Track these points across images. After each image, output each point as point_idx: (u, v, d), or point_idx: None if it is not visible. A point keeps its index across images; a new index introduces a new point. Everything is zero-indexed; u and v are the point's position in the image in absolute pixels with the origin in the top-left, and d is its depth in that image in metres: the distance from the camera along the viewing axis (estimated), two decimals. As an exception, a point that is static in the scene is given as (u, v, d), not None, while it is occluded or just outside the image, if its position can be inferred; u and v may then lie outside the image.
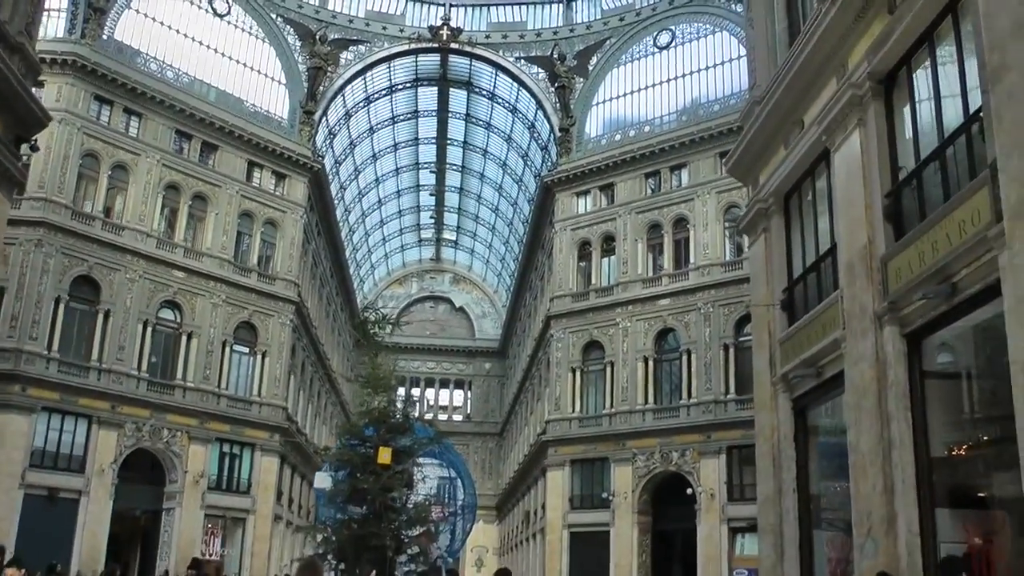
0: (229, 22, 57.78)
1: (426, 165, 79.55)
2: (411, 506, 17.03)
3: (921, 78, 14.74)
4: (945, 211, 12.81)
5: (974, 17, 12.55)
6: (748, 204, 20.99)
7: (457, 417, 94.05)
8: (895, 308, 13.95)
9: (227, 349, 53.65)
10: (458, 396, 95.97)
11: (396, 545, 16.11)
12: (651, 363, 53.32)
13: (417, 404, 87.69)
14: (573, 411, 56.05)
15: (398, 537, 16.33)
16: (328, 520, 17.15)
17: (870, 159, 15.12)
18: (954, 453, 14.03)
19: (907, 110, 15.02)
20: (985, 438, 13.46)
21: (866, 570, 13.98)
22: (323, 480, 17.05)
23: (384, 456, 15.81)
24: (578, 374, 56.40)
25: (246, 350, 55.18)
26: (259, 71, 58.81)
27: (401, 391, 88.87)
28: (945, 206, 12.93)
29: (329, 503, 17.38)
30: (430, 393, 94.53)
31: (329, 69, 60.97)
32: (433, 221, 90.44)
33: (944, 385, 14.66)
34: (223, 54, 57.15)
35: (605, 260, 57.83)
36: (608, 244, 57.41)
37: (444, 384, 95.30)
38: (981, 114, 12.34)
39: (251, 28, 58.91)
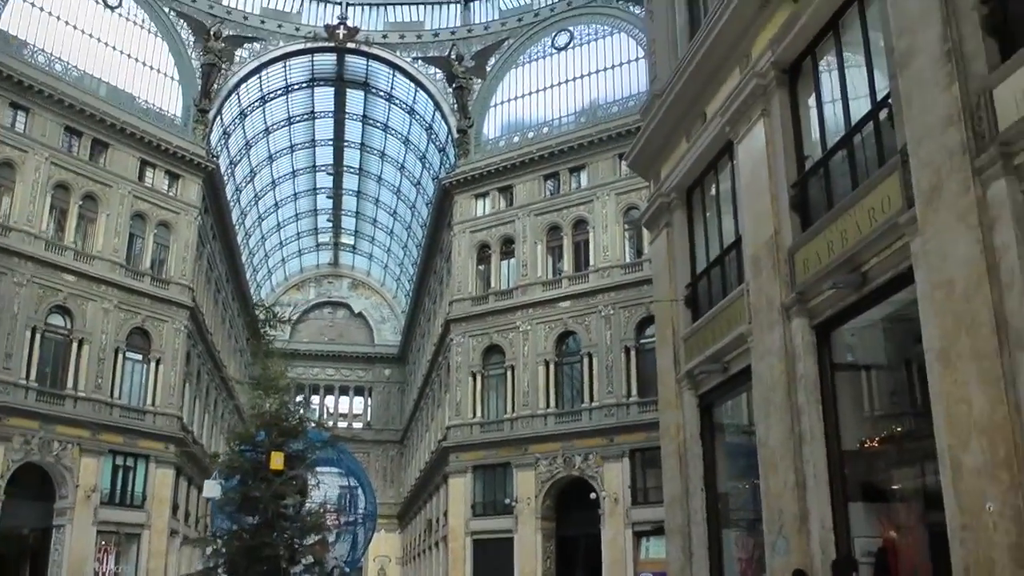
0: (121, 15, 55.85)
1: (323, 167, 78.26)
2: (305, 514, 16.14)
3: (826, 67, 14.49)
4: (854, 199, 12.54)
5: (880, 3, 12.31)
6: (650, 199, 20.68)
7: (357, 425, 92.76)
8: (803, 300, 13.66)
9: (120, 356, 51.74)
10: (358, 403, 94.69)
11: (290, 555, 15.27)
12: (552, 367, 52.90)
13: (316, 411, 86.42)
14: (474, 416, 55.40)
15: (292, 547, 15.52)
16: (220, 531, 16.25)
17: (775, 149, 14.84)
18: (866, 446, 13.75)
19: (812, 100, 14.78)
20: (898, 430, 13.20)
21: (778, 568, 13.66)
22: (212, 489, 16.13)
23: (276, 461, 15.02)
24: (479, 379, 55.79)
25: (139, 357, 53.45)
26: (151, 66, 56.91)
27: (300, 398, 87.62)
28: (854, 194, 12.66)
29: (219, 513, 16.54)
30: (329, 401, 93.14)
31: (224, 66, 59.47)
32: (331, 225, 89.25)
33: (854, 377, 14.42)
34: (114, 48, 55.08)
35: (504, 263, 57.33)
36: (507, 246, 56.93)
37: (344, 391, 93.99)
38: (889, 100, 12.09)
39: (143, 22, 57.06)
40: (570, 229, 54.17)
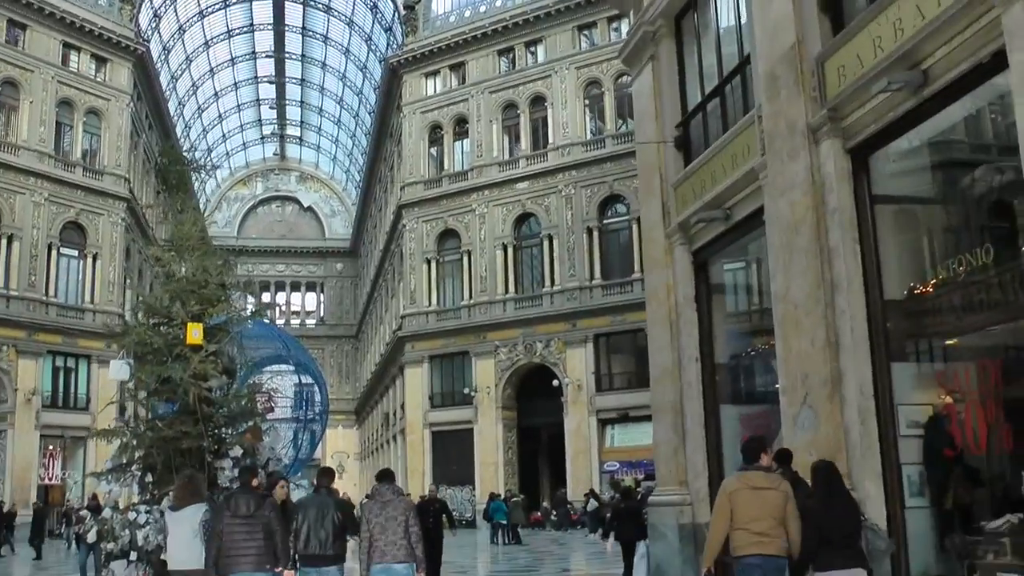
0: None
1: (264, 54, 74.59)
2: (232, 397, 13.58)
3: None
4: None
5: None
6: (631, 30, 17.91)
7: (311, 321, 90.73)
8: (836, 117, 11.15)
9: (54, 252, 49.14)
10: (310, 299, 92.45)
11: (216, 446, 12.72)
12: (511, 250, 50.87)
13: (268, 311, 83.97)
14: (429, 304, 53.29)
15: (218, 437, 12.95)
16: (130, 421, 13.78)
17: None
18: (916, 293, 11.40)
19: None
20: (957, 269, 10.80)
21: (801, 446, 11.37)
22: (119, 370, 13.54)
23: (193, 334, 12.47)
24: (433, 265, 53.57)
25: (75, 253, 50.68)
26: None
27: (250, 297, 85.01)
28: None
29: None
30: (281, 297, 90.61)
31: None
32: (275, 114, 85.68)
33: (900, 213, 12.01)
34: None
35: (458, 144, 55.01)
36: (461, 127, 54.48)
37: (295, 287, 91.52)
38: None
39: None
40: (527, 107, 51.78)
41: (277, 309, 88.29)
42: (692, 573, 14.77)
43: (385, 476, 10.98)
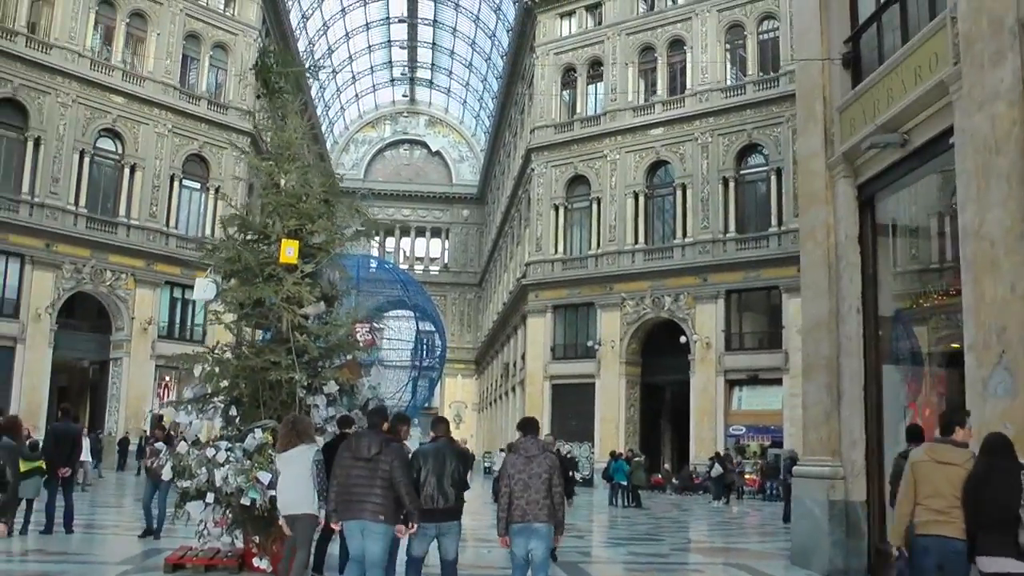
0: None
1: (398, -6, 73.23)
2: (331, 326, 11.98)
3: None
4: None
5: None
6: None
7: (434, 268, 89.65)
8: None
9: (175, 184, 48.91)
10: (435, 246, 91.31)
11: (309, 380, 11.15)
12: (642, 199, 48.90)
13: (391, 254, 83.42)
14: (556, 252, 51.68)
15: (313, 369, 11.39)
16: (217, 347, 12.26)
17: None
18: None
19: None
20: None
21: (994, 416, 9.41)
22: (205, 288, 12.04)
23: (287, 252, 10.90)
24: (561, 212, 51.88)
25: (197, 186, 50.30)
26: None
27: (376, 241, 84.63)
28: None
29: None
30: (406, 243, 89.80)
31: None
32: (406, 56, 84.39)
33: None
34: None
35: (591, 87, 53.06)
36: (595, 70, 52.56)
37: (420, 233, 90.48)
38: None
39: None
40: (665, 50, 49.61)
41: (402, 253, 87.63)
42: (842, 559, 12.88)
43: (530, 426, 9.78)
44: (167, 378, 47.64)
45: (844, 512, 13.03)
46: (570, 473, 19.16)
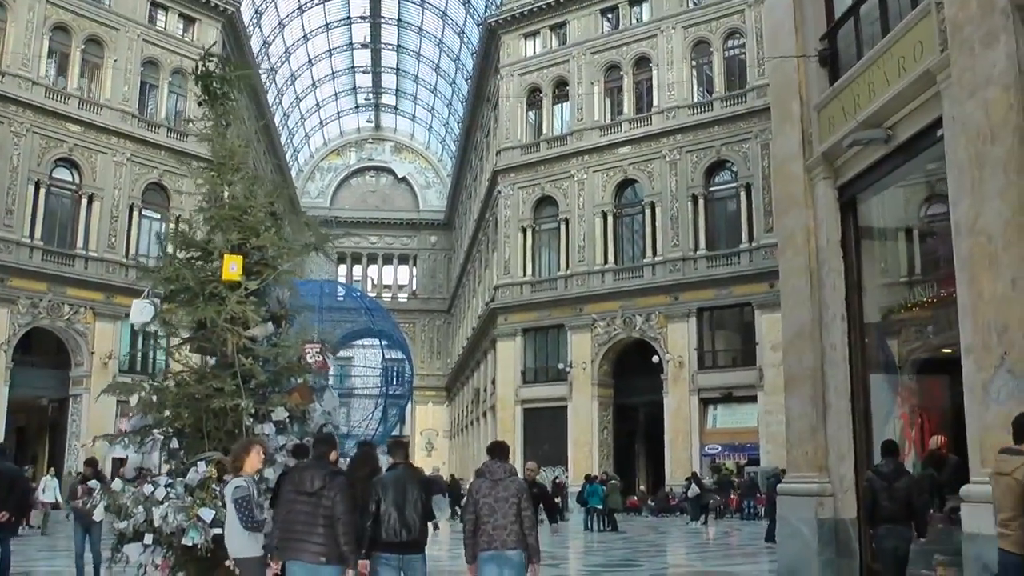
0: None
1: (360, 19, 72.47)
2: (278, 348, 11.05)
3: None
4: None
5: None
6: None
7: (402, 296, 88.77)
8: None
9: (135, 214, 47.76)
10: (403, 273, 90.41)
11: (257, 407, 10.23)
12: (610, 218, 48.48)
13: (359, 282, 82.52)
14: (524, 275, 51.06)
15: (260, 394, 10.48)
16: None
17: None
18: None
19: None
20: None
21: (996, 423, 8.70)
22: (141, 311, 11.11)
23: (230, 268, 10.02)
24: (529, 233, 51.32)
25: (157, 216, 49.12)
26: None
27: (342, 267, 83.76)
28: None
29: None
30: (373, 271, 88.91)
31: None
32: (370, 82, 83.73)
33: None
34: None
35: (557, 107, 52.72)
36: (561, 89, 52.17)
37: (388, 260, 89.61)
38: None
39: None
40: (631, 68, 49.34)
41: (369, 281, 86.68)
42: (832, 580, 12.08)
43: (498, 450, 9.21)
44: (128, 412, 46.47)
45: (834, 530, 12.28)
46: (556, 499, 17.93)
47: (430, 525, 9.27)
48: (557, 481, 40.12)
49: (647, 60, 48.41)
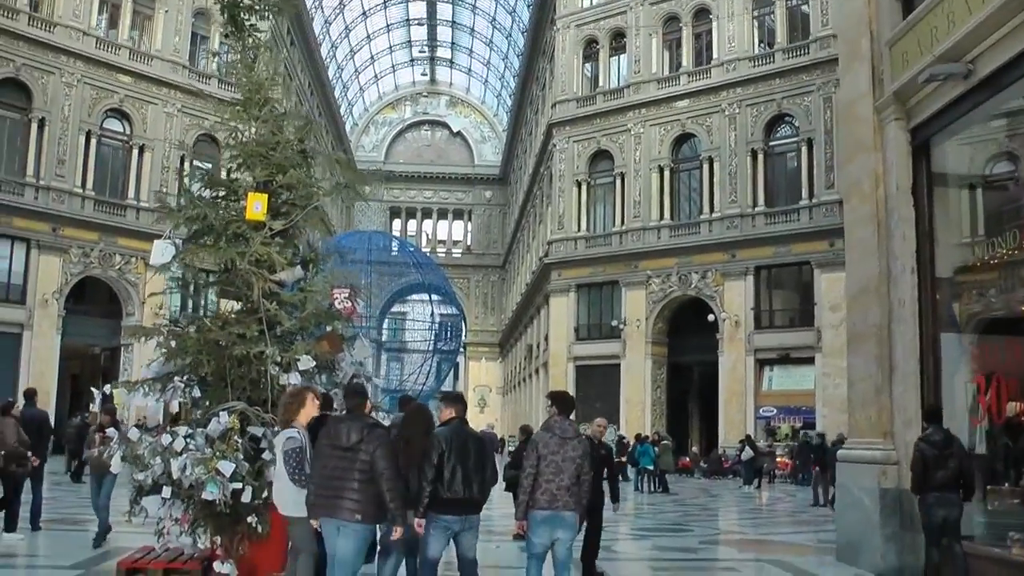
0: None
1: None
2: (305, 293, 10.34)
3: None
4: None
5: None
6: None
7: (457, 251, 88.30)
8: None
9: (186, 165, 47.30)
10: (457, 228, 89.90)
11: (282, 355, 9.54)
12: (667, 173, 47.47)
13: (413, 237, 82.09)
14: (578, 230, 50.29)
15: (287, 342, 9.79)
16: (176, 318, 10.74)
17: None
18: None
19: None
20: None
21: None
22: (163, 252, 10.50)
23: (254, 207, 9.31)
24: (584, 188, 50.49)
25: (208, 166, 48.60)
26: None
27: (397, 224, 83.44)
28: None
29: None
30: (427, 225, 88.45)
31: None
32: (425, 34, 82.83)
33: None
34: None
35: (614, 59, 51.64)
36: (618, 41, 51.09)
37: (442, 215, 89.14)
38: None
39: None
40: (690, 19, 48.22)
41: (424, 237, 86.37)
42: (896, 555, 11.23)
43: (565, 403, 8.83)
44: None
45: (898, 502, 11.43)
46: (616, 473, 16.15)
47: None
48: (624, 441, 39.43)
49: (707, 11, 47.12)
